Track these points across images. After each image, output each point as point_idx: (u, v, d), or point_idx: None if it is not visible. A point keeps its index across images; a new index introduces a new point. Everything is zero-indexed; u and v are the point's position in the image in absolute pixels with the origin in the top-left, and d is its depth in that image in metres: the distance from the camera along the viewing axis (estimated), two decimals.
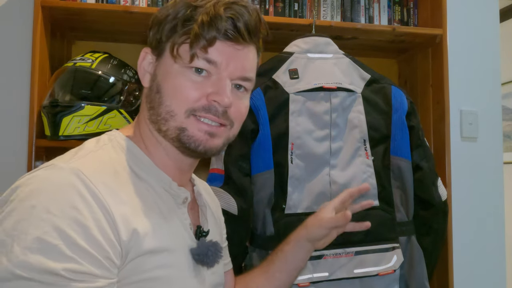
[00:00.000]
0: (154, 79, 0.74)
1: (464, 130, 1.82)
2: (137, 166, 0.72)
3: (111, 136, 0.75)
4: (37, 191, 0.60)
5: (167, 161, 0.76)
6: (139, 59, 0.77)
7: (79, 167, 0.63)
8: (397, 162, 1.31)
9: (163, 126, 0.72)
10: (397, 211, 1.31)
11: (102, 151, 0.71)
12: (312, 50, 1.31)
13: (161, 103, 0.72)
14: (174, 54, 0.71)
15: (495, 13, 1.90)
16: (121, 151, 0.72)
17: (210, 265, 0.76)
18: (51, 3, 1.31)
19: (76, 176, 0.62)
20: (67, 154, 0.69)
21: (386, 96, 1.33)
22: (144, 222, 0.66)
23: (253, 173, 1.23)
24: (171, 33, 0.72)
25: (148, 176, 0.72)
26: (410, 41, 1.61)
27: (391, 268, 1.24)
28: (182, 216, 0.75)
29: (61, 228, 0.57)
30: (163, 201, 0.72)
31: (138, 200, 0.67)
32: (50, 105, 1.29)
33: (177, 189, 0.75)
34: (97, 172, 0.64)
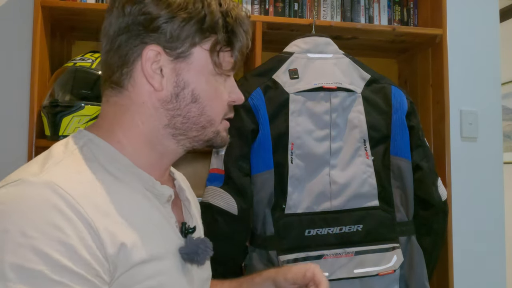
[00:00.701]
0: (183, 87, 0.69)
1: (464, 130, 1.82)
2: (114, 168, 0.66)
3: (81, 137, 0.68)
4: (8, 213, 0.54)
5: (157, 160, 0.72)
6: (146, 59, 0.67)
7: (52, 179, 0.57)
8: (397, 162, 1.31)
9: (194, 133, 0.71)
10: (397, 211, 1.31)
11: (73, 156, 0.64)
12: (312, 50, 1.32)
13: (202, 113, 0.70)
14: (217, 62, 0.70)
15: (495, 13, 1.90)
16: (96, 154, 0.66)
17: (200, 263, 0.73)
18: (51, 3, 1.31)
19: (52, 190, 0.56)
20: (32, 164, 0.62)
21: (386, 96, 1.33)
22: (131, 233, 0.61)
23: (253, 173, 1.23)
24: (202, 35, 0.68)
25: (127, 177, 0.67)
26: (410, 41, 1.61)
27: (391, 268, 1.24)
28: (167, 215, 0.71)
29: (43, 251, 0.51)
30: (146, 202, 0.68)
31: (121, 208, 0.62)
32: (50, 105, 1.29)
33: (161, 188, 0.71)
34: (74, 183, 0.59)
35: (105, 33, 0.71)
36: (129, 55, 0.68)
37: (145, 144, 0.70)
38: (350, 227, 1.25)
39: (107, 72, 0.70)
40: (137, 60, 0.68)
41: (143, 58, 0.67)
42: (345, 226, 1.24)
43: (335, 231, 1.24)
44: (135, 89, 0.69)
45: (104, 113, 0.72)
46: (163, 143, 0.71)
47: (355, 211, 1.26)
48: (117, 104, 0.70)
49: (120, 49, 0.68)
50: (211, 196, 1.21)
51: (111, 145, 0.68)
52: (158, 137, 0.70)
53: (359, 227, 1.25)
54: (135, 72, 0.68)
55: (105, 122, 0.71)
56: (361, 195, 1.26)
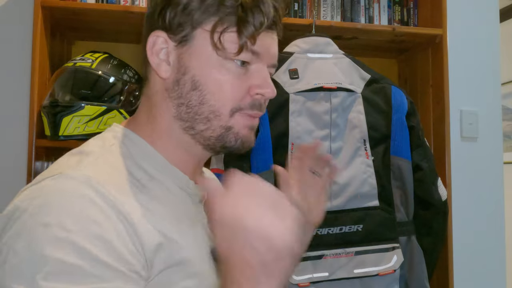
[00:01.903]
0: (183, 72, 0.64)
1: (464, 130, 1.82)
2: (150, 166, 0.65)
3: (117, 133, 0.67)
4: (48, 206, 0.53)
5: (186, 157, 0.69)
6: (149, 44, 0.65)
7: (91, 174, 0.57)
8: (397, 162, 1.31)
9: (201, 126, 0.66)
10: (397, 211, 1.31)
11: (111, 153, 0.64)
12: (312, 50, 1.32)
13: (203, 102, 0.64)
14: (218, 44, 0.62)
15: (495, 13, 1.90)
16: (131, 151, 0.65)
17: None
18: (51, 3, 1.31)
19: (90, 186, 0.55)
20: (71, 158, 0.62)
21: (386, 96, 1.33)
22: (167, 231, 0.60)
23: (253, 173, 1.24)
24: (205, 16, 0.63)
25: (163, 176, 0.66)
26: (410, 41, 1.61)
27: (391, 268, 1.24)
28: (199, 215, 0.70)
29: (82, 246, 0.51)
30: (181, 202, 0.67)
31: (157, 205, 0.62)
32: (50, 105, 1.29)
33: (195, 188, 0.69)
34: (111, 179, 0.59)
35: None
36: (144, 45, 0.66)
37: (168, 139, 0.68)
38: (350, 227, 1.25)
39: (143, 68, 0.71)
40: (145, 48, 0.66)
41: (148, 45, 0.65)
42: (345, 226, 1.24)
43: (335, 231, 1.24)
44: (151, 78, 0.68)
45: (139, 107, 0.72)
46: (181, 138, 0.67)
47: (355, 211, 1.26)
48: (145, 96, 0.70)
49: (144, 40, 0.67)
50: None
51: (145, 140, 0.67)
52: (175, 131, 0.67)
53: (359, 227, 1.25)
54: (147, 62, 0.67)
55: (139, 116, 0.70)
56: (361, 195, 1.26)
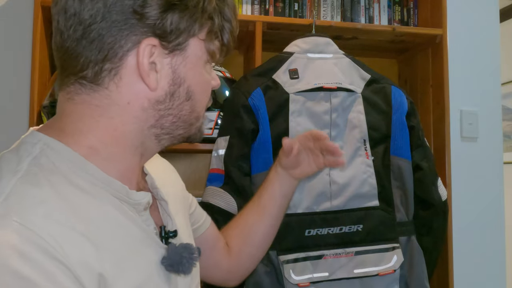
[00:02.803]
0: (179, 84, 0.60)
1: (464, 130, 1.82)
2: (80, 178, 0.56)
3: (35, 142, 0.57)
4: None
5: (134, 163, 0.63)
6: (143, 55, 0.57)
7: (9, 213, 0.47)
8: (397, 162, 1.31)
9: (181, 131, 0.63)
10: (397, 211, 1.31)
11: (30, 171, 0.53)
12: (312, 50, 1.32)
13: (193, 110, 0.63)
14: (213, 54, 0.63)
15: (495, 13, 1.90)
16: (56, 163, 0.55)
17: (186, 272, 0.64)
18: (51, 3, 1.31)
19: (11, 230, 0.46)
20: None
21: (386, 96, 1.33)
22: (108, 259, 0.53)
23: (253, 173, 1.23)
24: (200, 24, 0.60)
25: (96, 188, 0.57)
26: (410, 41, 1.61)
27: (391, 268, 1.24)
28: (144, 224, 0.62)
29: None
30: (120, 216, 0.58)
31: (93, 229, 0.53)
32: (50, 105, 1.29)
33: (136, 196, 0.61)
34: (35, 212, 0.49)
35: (70, 11, 0.56)
36: (115, 49, 0.56)
37: (123, 148, 0.61)
38: (350, 227, 1.25)
39: (74, 65, 0.57)
40: (127, 55, 0.57)
41: (139, 53, 0.56)
42: (345, 226, 1.24)
43: (335, 231, 1.24)
44: (119, 88, 0.58)
45: (67, 113, 0.60)
46: (144, 144, 0.62)
47: (355, 211, 1.26)
48: (89, 104, 0.58)
49: (100, 40, 0.56)
50: (211, 196, 1.21)
51: (76, 151, 0.57)
52: (140, 139, 0.61)
53: (359, 227, 1.25)
54: (124, 69, 0.57)
55: (69, 124, 0.59)
56: (361, 195, 1.26)
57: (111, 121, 0.59)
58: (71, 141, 0.58)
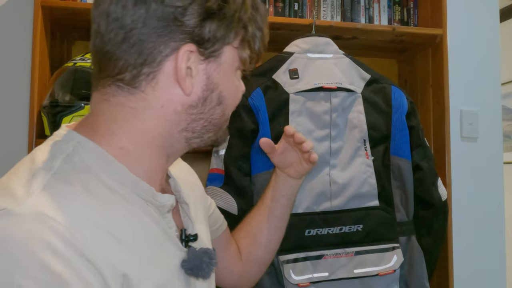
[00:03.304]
0: (212, 89, 0.62)
1: (464, 130, 1.82)
2: (111, 178, 0.58)
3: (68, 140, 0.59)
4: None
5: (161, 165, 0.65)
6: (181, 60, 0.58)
7: (42, 208, 0.49)
8: (397, 162, 1.31)
9: (210, 133, 0.66)
10: (397, 211, 1.31)
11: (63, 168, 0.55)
12: (312, 50, 1.31)
13: (223, 115, 0.66)
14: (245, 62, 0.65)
15: (495, 13, 1.90)
16: (88, 162, 0.57)
17: (205, 277, 0.66)
18: (51, 3, 1.31)
19: (43, 224, 0.47)
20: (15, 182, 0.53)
21: (386, 96, 1.33)
22: (132, 259, 0.55)
23: (253, 173, 1.23)
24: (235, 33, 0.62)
25: (124, 189, 0.59)
26: (410, 41, 1.61)
27: (391, 268, 1.24)
28: (166, 226, 0.64)
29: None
30: (145, 217, 0.61)
31: (120, 229, 0.55)
32: (50, 105, 1.29)
33: (161, 199, 0.63)
34: (67, 208, 0.50)
35: (113, 16, 0.58)
36: (154, 54, 0.58)
37: (153, 150, 0.62)
38: (350, 227, 1.25)
39: (112, 67, 0.59)
40: (165, 60, 0.59)
41: (178, 58, 0.58)
42: (345, 226, 1.24)
43: (335, 231, 1.24)
44: (155, 92, 0.60)
45: (101, 114, 0.62)
46: (173, 147, 0.64)
47: (355, 211, 1.26)
48: (124, 106, 0.60)
49: (140, 44, 0.57)
50: (211, 196, 1.20)
51: (107, 151, 0.59)
52: (170, 141, 0.63)
53: (359, 227, 1.25)
54: (161, 73, 0.59)
55: (102, 124, 0.61)
56: (361, 195, 1.26)
57: (144, 124, 0.61)
58: (103, 141, 0.60)
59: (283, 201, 0.97)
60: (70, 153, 0.57)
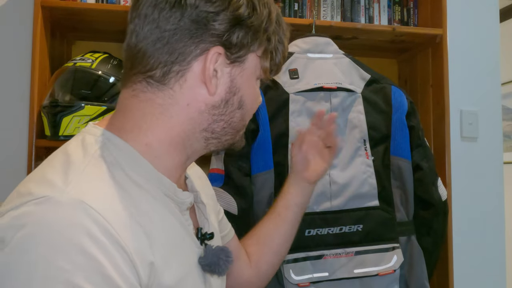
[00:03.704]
0: (234, 92, 0.66)
1: (464, 130, 1.82)
2: (136, 173, 0.61)
3: (98, 137, 0.62)
4: (35, 239, 0.48)
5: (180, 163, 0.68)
6: (210, 61, 0.62)
7: (81, 196, 0.52)
8: (397, 162, 1.31)
9: (228, 136, 0.69)
10: (397, 211, 1.31)
11: (95, 162, 0.59)
12: (312, 50, 1.32)
13: (243, 119, 0.69)
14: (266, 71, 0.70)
15: (495, 13, 1.90)
16: (117, 157, 0.61)
17: (222, 274, 0.69)
18: (51, 3, 1.31)
19: (83, 212, 0.51)
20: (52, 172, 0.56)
21: (386, 96, 1.33)
22: (158, 250, 0.58)
23: (253, 173, 1.23)
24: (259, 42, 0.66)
25: (149, 184, 0.62)
26: (410, 41, 1.61)
27: (391, 268, 1.24)
28: (185, 223, 0.67)
29: (78, 285, 0.47)
30: (167, 212, 0.64)
31: (147, 221, 0.58)
32: (50, 105, 1.29)
33: (182, 195, 0.67)
34: (103, 199, 0.54)
35: (150, 18, 0.62)
36: (184, 54, 0.62)
37: (175, 147, 0.65)
38: (350, 227, 1.25)
39: (144, 64, 0.63)
40: (195, 60, 0.62)
41: (207, 59, 0.62)
42: (345, 226, 1.24)
43: (335, 231, 1.24)
44: (182, 89, 0.63)
45: (130, 109, 0.64)
46: (192, 146, 0.67)
47: (355, 211, 1.26)
48: (153, 102, 0.63)
49: (172, 44, 0.61)
50: None
51: (134, 147, 0.62)
52: (191, 140, 0.66)
53: (359, 227, 1.25)
54: (189, 72, 0.63)
55: (129, 119, 0.64)
56: (361, 195, 1.26)
57: (169, 120, 0.64)
58: (130, 138, 0.63)
59: (296, 209, 0.98)
60: (101, 149, 0.61)
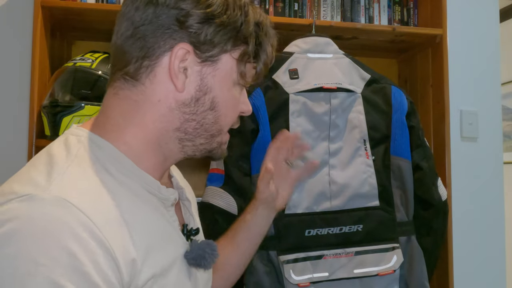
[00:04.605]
0: (205, 92, 0.65)
1: (464, 130, 1.82)
2: (117, 170, 0.62)
3: (80, 137, 0.63)
4: (18, 235, 0.49)
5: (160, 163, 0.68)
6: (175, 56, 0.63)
7: (63, 194, 0.53)
8: (397, 162, 1.31)
9: (202, 140, 0.68)
10: (397, 211, 1.31)
11: (78, 162, 0.59)
12: (312, 50, 1.32)
13: (216, 122, 0.68)
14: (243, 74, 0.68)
15: (495, 13, 1.90)
16: (98, 155, 0.62)
17: (207, 267, 0.70)
18: (51, 3, 1.31)
19: (65, 209, 0.51)
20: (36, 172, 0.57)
21: (386, 96, 1.33)
22: (140, 245, 0.58)
23: (253, 173, 1.23)
24: (234, 44, 0.66)
25: (131, 181, 0.63)
26: (410, 41, 1.61)
27: (391, 268, 1.24)
28: (170, 219, 0.68)
29: (56, 282, 0.48)
30: (150, 208, 0.64)
31: (129, 217, 0.59)
32: (50, 105, 1.29)
33: (166, 192, 0.67)
34: (85, 197, 0.55)
35: (127, 16, 0.65)
36: (154, 49, 0.63)
37: (151, 146, 0.66)
38: (350, 227, 1.25)
39: (121, 61, 0.65)
40: (163, 55, 0.63)
41: (172, 54, 0.63)
42: (345, 226, 1.24)
43: (335, 231, 1.24)
44: (152, 85, 0.64)
45: (110, 108, 0.66)
46: (168, 146, 0.67)
47: (355, 211, 1.26)
48: (129, 99, 0.65)
49: (144, 39, 0.63)
50: (211, 196, 1.21)
51: (115, 146, 0.63)
52: (165, 140, 0.66)
53: (359, 227, 1.25)
54: (158, 67, 0.63)
55: (110, 119, 0.65)
56: (361, 195, 1.26)
57: (143, 118, 0.65)
58: (111, 137, 0.64)
59: (256, 239, 0.96)
60: (83, 149, 0.61)
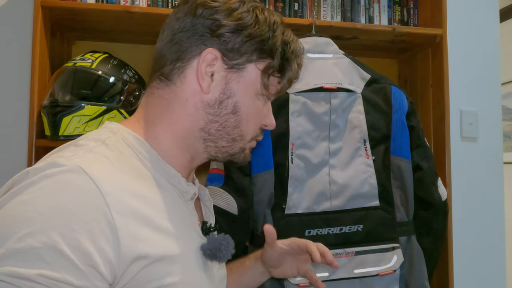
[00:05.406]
0: (228, 95, 0.71)
1: (464, 130, 1.82)
2: (143, 160, 0.67)
3: (113, 129, 0.69)
4: (31, 187, 0.55)
5: (185, 161, 0.73)
6: (203, 59, 0.70)
7: (81, 163, 0.58)
8: (397, 162, 1.31)
9: (224, 143, 0.73)
10: (397, 211, 1.31)
11: (104, 146, 0.65)
12: (312, 50, 1.31)
13: (237, 126, 0.73)
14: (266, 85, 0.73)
15: (495, 13, 1.90)
16: (127, 145, 0.67)
17: (222, 259, 0.73)
18: (51, 3, 1.31)
19: (77, 174, 0.57)
20: (66, 150, 0.64)
21: (386, 96, 1.33)
22: (152, 226, 0.61)
23: (253, 173, 1.23)
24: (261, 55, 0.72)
25: (154, 171, 0.68)
26: (410, 41, 1.61)
27: (391, 268, 1.24)
28: (189, 213, 0.73)
29: (45, 230, 0.52)
30: (170, 198, 0.68)
31: (144, 200, 0.63)
32: (50, 105, 1.28)
33: (186, 185, 0.72)
34: (101, 169, 0.59)
35: (169, 25, 0.73)
36: (187, 52, 0.70)
37: (178, 143, 0.72)
38: (350, 227, 1.25)
39: (159, 63, 0.73)
40: (194, 58, 0.70)
41: (201, 58, 0.70)
42: (345, 226, 1.24)
43: (335, 231, 1.24)
44: (183, 85, 0.71)
45: (145, 105, 0.73)
46: (194, 145, 0.73)
47: (355, 211, 1.26)
48: (162, 98, 0.72)
49: (180, 44, 0.71)
50: (211, 196, 1.21)
51: (146, 140, 0.69)
52: (191, 139, 0.72)
53: (359, 227, 1.25)
54: (188, 69, 0.71)
55: (145, 116, 0.72)
56: (361, 195, 1.26)
57: (172, 115, 0.71)
58: (142, 133, 0.71)
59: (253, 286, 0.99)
60: (112, 137, 0.67)
